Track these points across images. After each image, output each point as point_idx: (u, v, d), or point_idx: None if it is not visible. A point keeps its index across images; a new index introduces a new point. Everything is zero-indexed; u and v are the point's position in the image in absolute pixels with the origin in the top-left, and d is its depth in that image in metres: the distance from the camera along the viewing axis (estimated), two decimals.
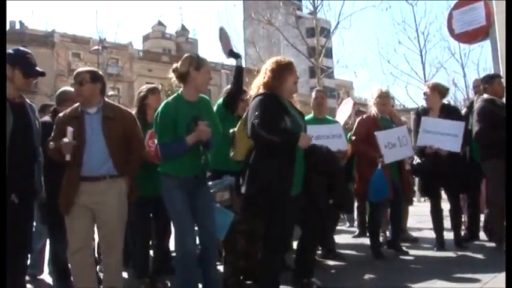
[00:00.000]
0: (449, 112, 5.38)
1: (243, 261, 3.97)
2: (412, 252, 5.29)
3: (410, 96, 30.36)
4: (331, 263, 5.00)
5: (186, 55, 3.68)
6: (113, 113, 3.48)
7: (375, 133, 5.09)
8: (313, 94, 5.46)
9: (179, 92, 3.63)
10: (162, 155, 3.56)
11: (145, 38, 55.70)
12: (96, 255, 4.22)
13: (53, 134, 3.47)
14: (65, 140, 3.24)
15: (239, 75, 4.42)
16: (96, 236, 3.58)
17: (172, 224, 3.93)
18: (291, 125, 3.52)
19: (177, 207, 3.45)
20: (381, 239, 5.63)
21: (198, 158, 3.53)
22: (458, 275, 4.15)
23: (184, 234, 3.43)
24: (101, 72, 3.64)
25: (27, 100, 3.55)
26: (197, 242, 3.65)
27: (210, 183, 3.88)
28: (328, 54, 39.02)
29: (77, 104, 3.53)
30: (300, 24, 16.98)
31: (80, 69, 3.57)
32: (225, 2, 40.34)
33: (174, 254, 3.85)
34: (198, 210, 3.52)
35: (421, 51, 19.20)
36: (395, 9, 44.45)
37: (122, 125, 3.46)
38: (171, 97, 3.66)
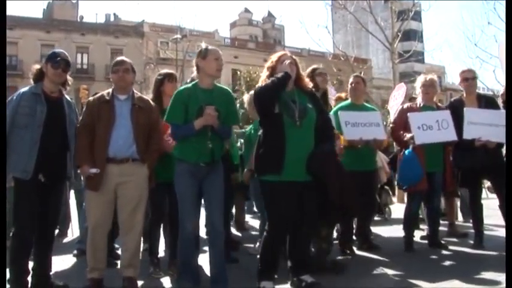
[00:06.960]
0: (487, 102, 5.09)
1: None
2: (450, 247, 5.09)
3: (499, 80, 27.47)
4: (363, 253, 4.93)
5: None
6: (142, 103, 3.87)
7: (408, 114, 4.91)
8: (350, 79, 5.26)
9: (197, 80, 3.84)
10: (172, 135, 3.81)
11: (232, 25, 56.84)
12: None
13: (82, 115, 3.86)
14: (92, 170, 3.60)
15: None
16: None
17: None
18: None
19: (182, 192, 3.66)
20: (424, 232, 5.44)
21: (204, 143, 3.61)
22: (481, 276, 3.92)
23: (184, 219, 3.64)
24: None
25: (67, 97, 3.96)
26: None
27: None
28: (419, 38, 37.12)
29: (106, 91, 3.89)
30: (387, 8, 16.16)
31: (124, 59, 3.93)
32: None
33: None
34: (205, 197, 3.75)
35: None
36: None
37: (148, 115, 3.83)
38: (189, 84, 3.91)
